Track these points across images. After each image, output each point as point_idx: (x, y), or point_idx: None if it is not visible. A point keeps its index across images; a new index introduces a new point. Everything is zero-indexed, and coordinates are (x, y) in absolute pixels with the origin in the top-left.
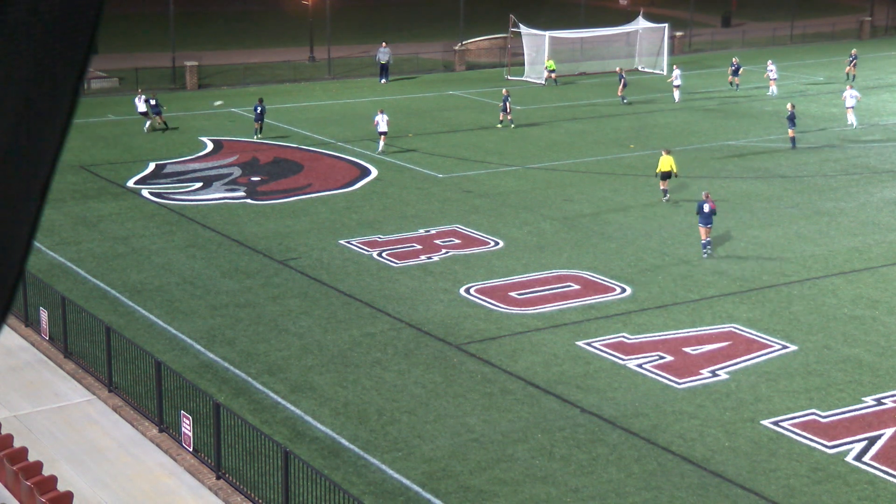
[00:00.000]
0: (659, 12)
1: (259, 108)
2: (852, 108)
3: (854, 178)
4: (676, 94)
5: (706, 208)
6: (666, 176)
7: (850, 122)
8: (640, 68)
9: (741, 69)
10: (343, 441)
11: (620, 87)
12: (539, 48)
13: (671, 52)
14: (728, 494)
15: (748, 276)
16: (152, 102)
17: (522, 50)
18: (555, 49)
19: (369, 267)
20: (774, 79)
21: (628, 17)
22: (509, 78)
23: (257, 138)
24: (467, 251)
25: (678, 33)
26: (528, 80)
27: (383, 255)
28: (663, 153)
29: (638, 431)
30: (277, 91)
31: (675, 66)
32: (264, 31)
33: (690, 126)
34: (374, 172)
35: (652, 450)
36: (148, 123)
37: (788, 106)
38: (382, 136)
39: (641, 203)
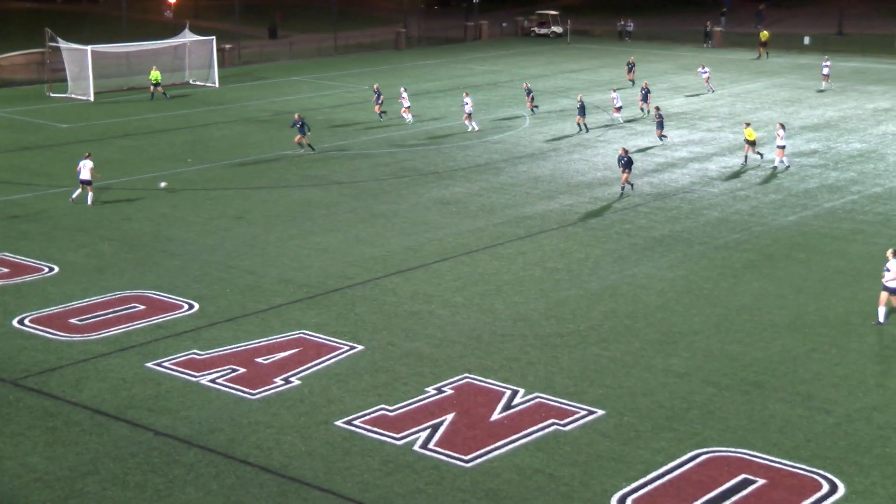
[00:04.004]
0: (206, 25)
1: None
2: (469, 113)
3: (404, 181)
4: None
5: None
6: None
7: (474, 128)
8: (191, 81)
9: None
10: None
11: (378, 106)
12: (82, 63)
13: (221, 64)
14: (307, 498)
15: (313, 282)
16: None
17: (64, 65)
18: (99, 64)
19: None
20: (408, 106)
21: (175, 30)
22: (51, 95)
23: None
24: (18, 280)
25: (227, 45)
26: (73, 96)
27: None
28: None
29: (214, 447)
30: None
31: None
32: None
33: (246, 138)
34: None
35: (230, 464)
36: None
37: (295, 115)
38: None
39: (203, 218)
